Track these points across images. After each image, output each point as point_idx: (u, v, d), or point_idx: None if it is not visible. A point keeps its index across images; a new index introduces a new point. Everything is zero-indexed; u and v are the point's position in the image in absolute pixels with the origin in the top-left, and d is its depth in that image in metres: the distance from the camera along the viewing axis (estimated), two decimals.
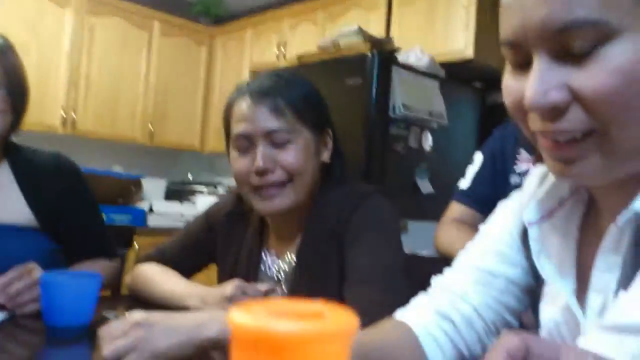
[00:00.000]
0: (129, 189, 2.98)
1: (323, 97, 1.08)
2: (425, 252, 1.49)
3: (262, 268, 1.10)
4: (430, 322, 0.67)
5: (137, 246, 2.61)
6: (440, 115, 2.33)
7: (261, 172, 0.97)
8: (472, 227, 1.25)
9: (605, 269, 0.52)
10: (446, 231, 1.35)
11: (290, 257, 1.06)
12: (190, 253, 1.18)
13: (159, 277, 1.09)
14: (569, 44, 0.46)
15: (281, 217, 1.04)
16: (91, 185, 1.32)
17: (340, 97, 2.22)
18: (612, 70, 0.45)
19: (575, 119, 0.47)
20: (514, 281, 0.67)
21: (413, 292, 0.75)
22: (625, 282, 0.49)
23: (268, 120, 0.98)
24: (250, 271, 1.09)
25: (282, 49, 3.54)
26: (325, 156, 1.06)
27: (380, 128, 2.19)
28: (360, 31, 2.44)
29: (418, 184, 2.25)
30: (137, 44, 3.68)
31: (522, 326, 0.73)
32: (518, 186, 0.71)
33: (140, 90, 3.70)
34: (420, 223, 2.08)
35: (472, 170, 1.41)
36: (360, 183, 1.13)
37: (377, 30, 2.89)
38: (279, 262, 1.08)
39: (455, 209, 1.40)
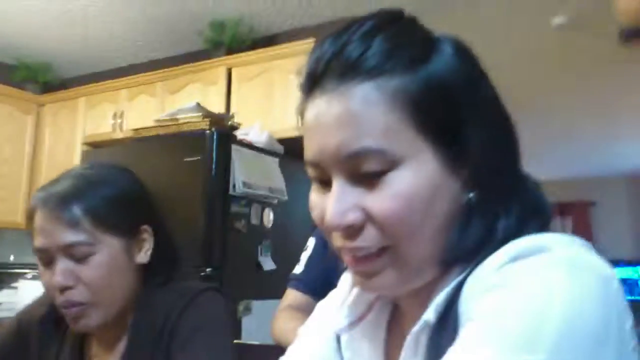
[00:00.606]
0: None
1: (142, 190, 1.02)
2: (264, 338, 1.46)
3: None
4: None
5: None
6: (281, 191, 2.39)
7: (61, 290, 0.90)
8: (307, 314, 1.26)
9: None
10: (281, 320, 1.35)
11: None
12: None
13: None
14: (360, 169, 0.51)
15: (98, 329, 0.96)
16: None
17: (179, 174, 2.15)
18: (395, 195, 0.50)
19: (370, 236, 0.51)
20: None
21: None
22: None
23: (64, 233, 0.90)
24: None
25: (119, 120, 3.39)
26: (142, 257, 0.99)
27: (220, 206, 2.15)
28: (200, 107, 2.44)
29: (261, 261, 2.24)
30: None
31: None
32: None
33: None
34: (265, 301, 2.06)
35: (305, 256, 1.44)
36: (190, 279, 1.07)
37: (216, 105, 2.92)
38: None
39: (290, 295, 1.41)
